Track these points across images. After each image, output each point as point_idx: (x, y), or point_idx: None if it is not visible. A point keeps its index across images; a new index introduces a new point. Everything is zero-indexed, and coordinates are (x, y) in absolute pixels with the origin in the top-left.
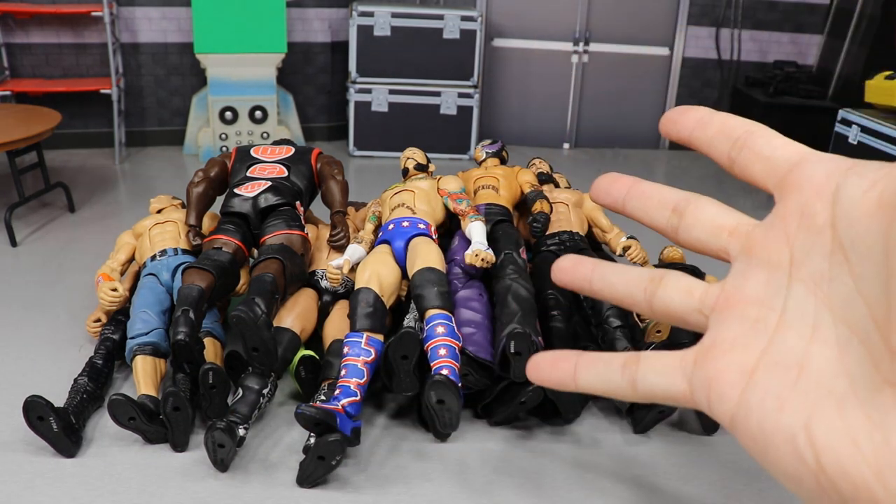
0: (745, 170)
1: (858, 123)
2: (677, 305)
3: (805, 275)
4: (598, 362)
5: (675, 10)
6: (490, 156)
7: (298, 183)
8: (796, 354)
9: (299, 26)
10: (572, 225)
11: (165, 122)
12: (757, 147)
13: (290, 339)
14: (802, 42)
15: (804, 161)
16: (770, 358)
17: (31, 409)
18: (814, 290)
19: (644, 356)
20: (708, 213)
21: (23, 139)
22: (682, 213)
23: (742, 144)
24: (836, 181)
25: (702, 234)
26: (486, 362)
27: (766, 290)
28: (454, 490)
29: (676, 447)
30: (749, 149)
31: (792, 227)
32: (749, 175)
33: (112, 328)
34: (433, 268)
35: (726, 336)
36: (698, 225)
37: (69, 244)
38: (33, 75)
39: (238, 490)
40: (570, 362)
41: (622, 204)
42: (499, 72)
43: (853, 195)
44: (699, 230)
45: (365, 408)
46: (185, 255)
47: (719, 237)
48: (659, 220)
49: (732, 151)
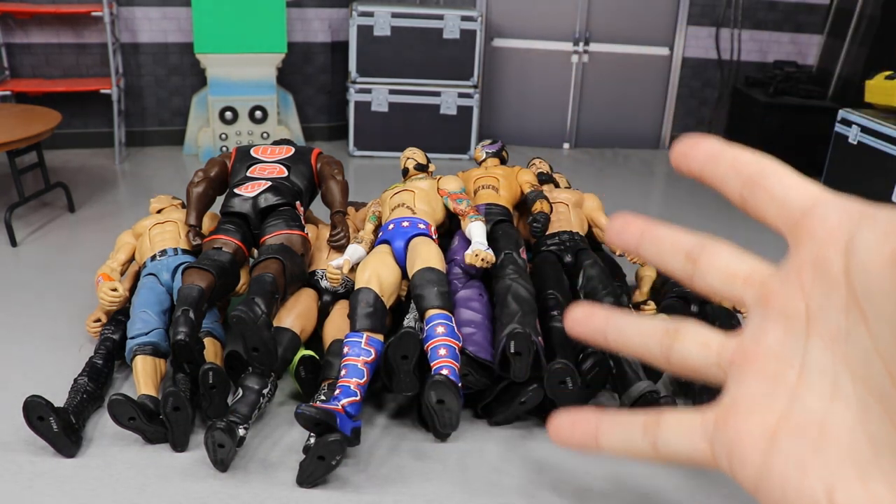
0: (758, 211)
1: (858, 123)
2: (695, 360)
3: (822, 330)
4: (619, 425)
5: (675, 10)
6: (490, 156)
7: (298, 183)
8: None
9: (299, 26)
10: (572, 225)
11: (165, 122)
12: (769, 188)
13: (290, 339)
14: (802, 42)
15: (817, 206)
16: (791, 420)
17: (31, 409)
18: (831, 346)
19: (664, 417)
20: (722, 259)
21: (23, 139)
22: (696, 260)
23: (754, 184)
24: (850, 230)
25: (716, 281)
26: (486, 362)
27: (784, 345)
28: (454, 490)
29: None
30: (761, 189)
31: (807, 278)
32: (762, 217)
33: (112, 328)
34: (433, 268)
35: (746, 395)
36: (712, 272)
37: (69, 244)
38: (33, 75)
39: (238, 490)
40: (591, 424)
41: (636, 248)
42: (499, 72)
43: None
44: (713, 277)
45: (365, 408)
46: (185, 255)
47: (734, 285)
48: (673, 265)
49: (744, 191)
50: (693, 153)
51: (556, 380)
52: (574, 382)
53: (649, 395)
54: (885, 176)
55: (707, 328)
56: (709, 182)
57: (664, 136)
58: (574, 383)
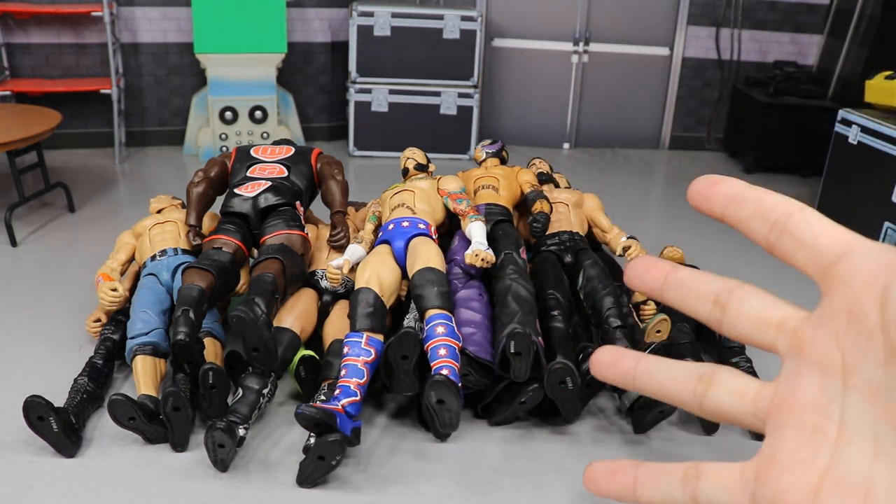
0: (786, 256)
1: (858, 123)
2: (730, 409)
3: (860, 383)
4: (657, 476)
5: (675, 10)
6: (490, 156)
7: (298, 183)
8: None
9: (299, 26)
10: (572, 225)
11: (165, 122)
12: (798, 233)
13: (290, 339)
14: (802, 42)
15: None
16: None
17: (31, 409)
18: (871, 400)
19: (704, 470)
20: (752, 306)
21: (23, 139)
22: (725, 306)
23: (782, 229)
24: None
25: (747, 328)
26: (486, 362)
27: (821, 396)
28: (454, 490)
29: (676, 447)
30: (789, 235)
31: (841, 327)
32: (790, 261)
33: (112, 328)
34: (433, 268)
35: (786, 449)
36: (743, 320)
37: (69, 244)
38: (33, 75)
39: (238, 490)
40: (629, 475)
41: (660, 293)
42: (499, 72)
43: None
44: (744, 325)
45: (365, 408)
46: (185, 255)
47: (766, 333)
48: (700, 312)
49: (771, 236)
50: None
51: (556, 380)
52: (574, 382)
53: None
54: (885, 176)
55: (741, 375)
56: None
57: (664, 136)
58: (574, 383)
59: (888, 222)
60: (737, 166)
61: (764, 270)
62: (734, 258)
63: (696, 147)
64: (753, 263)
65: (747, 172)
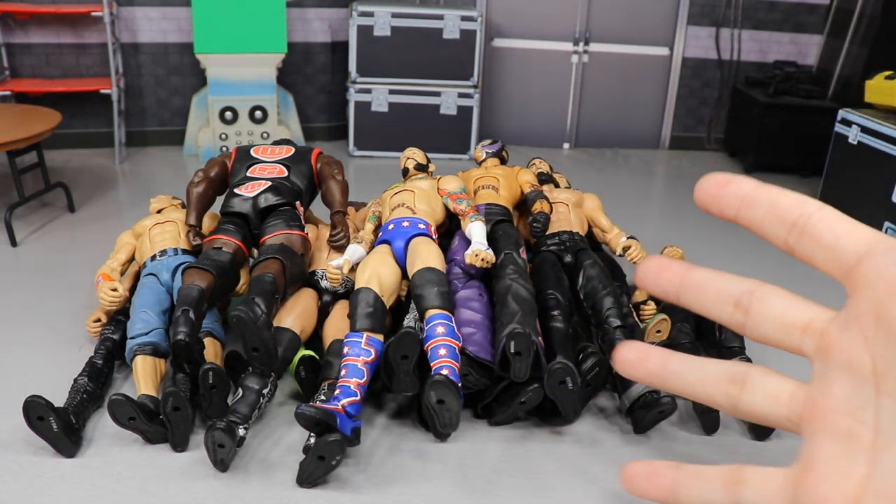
0: (806, 257)
1: (858, 123)
2: (765, 412)
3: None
4: (698, 480)
5: (675, 10)
6: (490, 156)
7: (298, 183)
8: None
9: (299, 26)
10: (572, 225)
11: (165, 122)
12: (818, 235)
13: (290, 339)
14: (802, 42)
15: (871, 253)
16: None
17: (31, 409)
18: None
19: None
20: (776, 309)
21: (23, 139)
22: (748, 310)
23: (801, 231)
24: None
25: (771, 332)
26: (486, 362)
27: (854, 400)
28: (454, 490)
29: (676, 447)
30: (809, 236)
31: (869, 330)
32: (811, 262)
33: (112, 328)
34: (433, 268)
35: (823, 456)
36: (767, 323)
37: (69, 244)
38: (33, 75)
39: (238, 490)
40: (669, 477)
41: (676, 296)
42: (499, 72)
43: None
44: (768, 328)
45: (365, 408)
46: (185, 255)
47: (791, 335)
48: (721, 315)
49: (790, 238)
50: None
51: (556, 380)
52: (574, 382)
53: (649, 395)
54: (885, 176)
55: (775, 375)
56: (745, 226)
57: (664, 136)
58: (574, 383)
59: (888, 222)
60: (737, 166)
61: (765, 270)
62: (735, 258)
63: (696, 147)
64: (755, 263)
65: (747, 172)
